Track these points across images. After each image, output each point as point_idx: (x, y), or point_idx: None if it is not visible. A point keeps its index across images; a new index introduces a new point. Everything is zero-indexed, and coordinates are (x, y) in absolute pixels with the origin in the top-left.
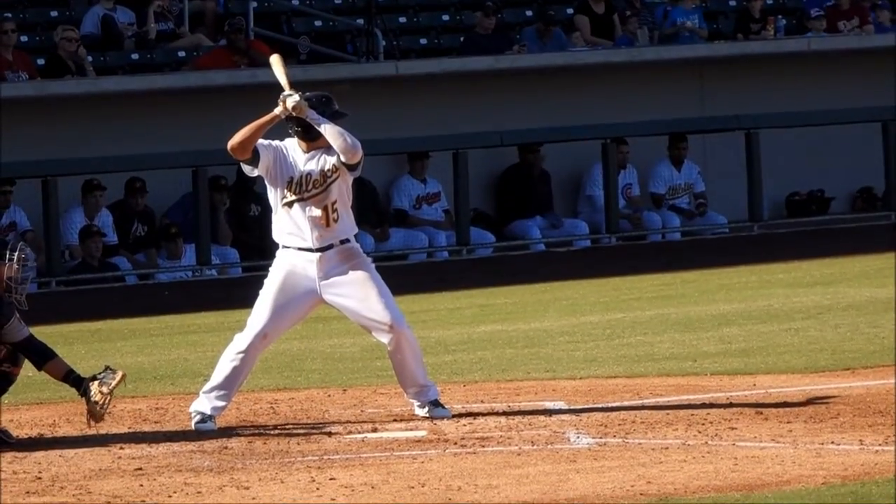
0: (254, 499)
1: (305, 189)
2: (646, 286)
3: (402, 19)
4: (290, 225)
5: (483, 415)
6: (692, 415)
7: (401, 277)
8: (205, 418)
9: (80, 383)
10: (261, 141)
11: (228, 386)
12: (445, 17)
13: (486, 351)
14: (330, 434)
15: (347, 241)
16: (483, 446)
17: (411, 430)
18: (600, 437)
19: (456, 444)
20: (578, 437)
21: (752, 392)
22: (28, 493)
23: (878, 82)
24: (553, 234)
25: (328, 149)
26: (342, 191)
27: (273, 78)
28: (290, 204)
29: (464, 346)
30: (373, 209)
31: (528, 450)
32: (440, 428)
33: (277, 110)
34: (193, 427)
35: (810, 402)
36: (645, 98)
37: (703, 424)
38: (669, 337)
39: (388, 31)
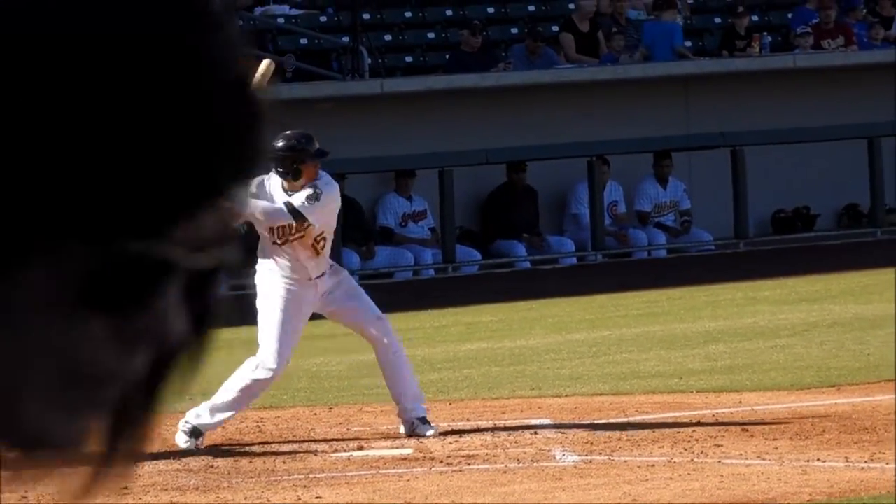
0: None
1: (289, 234)
2: (631, 303)
3: (388, 37)
4: (283, 261)
5: (469, 432)
6: (678, 432)
7: (386, 295)
8: (196, 432)
9: None
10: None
11: (236, 407)
12: (431, 35)
13: (471, 369)
14: (316, 453)
15: (331, 259)
16: (469, 464)
17: (397, 448)
18: (586, 455)
19: (442, 462)
20: (564, 455)
21: (738, 409)
22: None
23: (864, 99)
24: (539, 251)
25: (308, 185)
26: (320, 224)
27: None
28: (278, 244)
29: (450, 364)
30: (358, 227)
31: (514, 468)
32: (426, 446)
33: None
34: (179, 438)
35: (796, 419)
36: (630, 115)
37: (689, 442)
38: (655, 354)
39: (373, 49)
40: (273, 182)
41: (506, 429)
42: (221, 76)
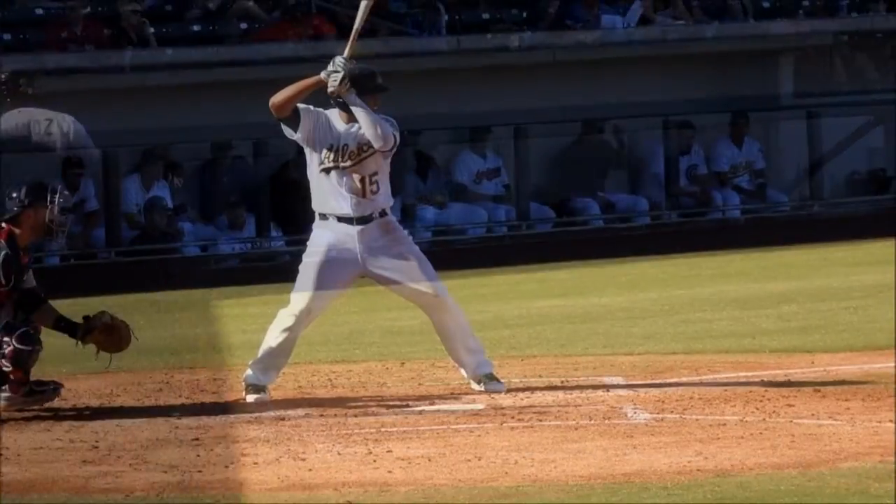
0: (310, 470)
1: (342, 158)
2: (705, 264)
3: None
4: (328, 192)
5: (541, 389)
6: (750, 392)
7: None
8: (257, 388)
9: (73, 328)
10: (303, 105)
11: (276, 361)
12: None
13: (544, 326)
14: (387, 407)
15: (385, 213)
16: (540, 420)
17: (469, 403)
18: (657, 413)
19: (513, 417)
20: (636, 413)
21: (811, 370)
22: (84, 461)
23: None
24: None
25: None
26: (379, 164)
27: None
28: (327, 171)
29: (522, 321)
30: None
31: (586, 424)
32: (497, 402)
33: (323, 76)
34: (246, 397)
35: (868, 380)
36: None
37: (761, 401)
38: (728, 314)
39: (450, 7)
40: (332, 115)
41: (577, 386)
42: None
